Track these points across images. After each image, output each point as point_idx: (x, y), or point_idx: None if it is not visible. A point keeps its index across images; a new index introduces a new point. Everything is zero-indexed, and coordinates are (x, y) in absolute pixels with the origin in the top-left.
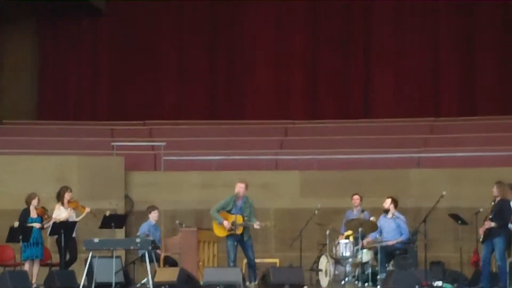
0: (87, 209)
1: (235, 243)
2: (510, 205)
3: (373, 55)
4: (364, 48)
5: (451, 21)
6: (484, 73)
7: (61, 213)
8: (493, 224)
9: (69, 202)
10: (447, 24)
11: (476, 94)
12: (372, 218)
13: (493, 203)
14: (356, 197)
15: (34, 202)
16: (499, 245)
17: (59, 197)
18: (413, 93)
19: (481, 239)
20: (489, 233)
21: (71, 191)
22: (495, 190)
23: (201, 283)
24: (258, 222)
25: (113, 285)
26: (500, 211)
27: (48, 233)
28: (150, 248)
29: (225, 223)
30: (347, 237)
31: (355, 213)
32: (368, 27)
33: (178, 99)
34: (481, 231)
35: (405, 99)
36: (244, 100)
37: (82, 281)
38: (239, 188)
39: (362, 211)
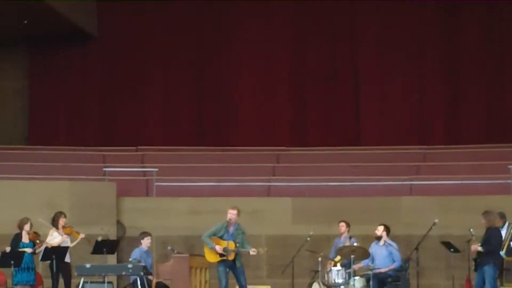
0: (81, 235)
1: (227, 269)
2: (499, 232)
3: (362, 85)
4: (353, 78)
5: (436, 50)
6: (469, 103)
7: (54, 238)
8: (479, 248)
9: (63, 227)
10: (433, 55)
11: (462, 123)
12: (355, 244)
13: (472, 230)
14: (341, 224)
15: (27, 227)
16: (489, 272)
17: (54, 223)
18: (401, 122)
19: (474, 268)
20: (480, 261)
21: (65, 216)
22: (483, 221)
23: None
24: (253, 249)
25: None
26: (488, 238)
27: (40, 258)
28: (141, 273)
29: (217, 247)
30: (335, 264)
31: (342, 240)
32: (355, 59)
33: (166, 126)
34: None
35: (394, 128)
36: (232, 128)
37: None
38: (231, 214)
39: (350, 238)
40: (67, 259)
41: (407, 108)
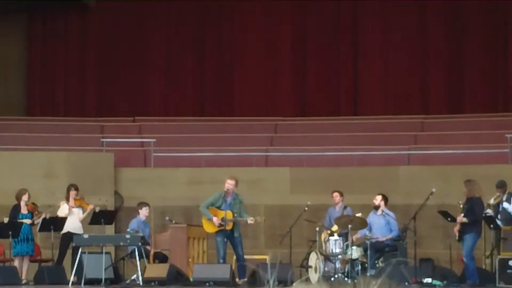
0: (91, 206)
1: (225, 240)
2: (481, 201)
3: (362, 52)
4: (353, 45)
5: (439, 18)
6: (471, 71)
7: (63, 210)
8: (465, 219)
9: (74, 199)
10: (435, 22)
11: (464, 92)
12: (358, 214)
13: (460, 203)
14: (335, 194)
15: (25, 197)
16: (467, 242)
17: (66, 195)
18: (401, 91)
19: (457, 238)
20: (462, 231)
21: (76, 189)
22: (464, 190)
23: (191, 279)
24: (251, 218)
25: (103, 281)
26: (471, 208)
27: (38, 229)
28: (139, 244)
29: (215, 219)
30: (332, 233)
31: (337, 210)
32: (356, 25)
33: (167, 95)
34: (455, 230)
35: (394, 96)
36: (233, 97)
37: (72, 277)
38: (229, 184)
39: (345, 207)
40: (80, 230)
41: (409, 77)
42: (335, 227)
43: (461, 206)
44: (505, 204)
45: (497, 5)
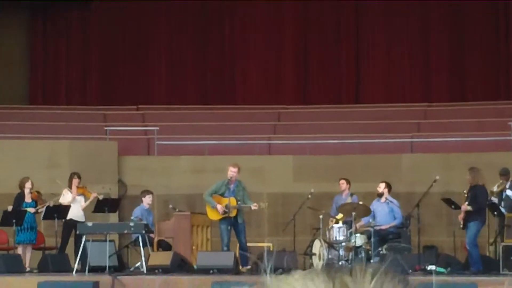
0: (94, 194)
1: (229, 227)
2: (485, 189)
3: (364, 40)
4: (355, 33)
5: (441, 6)
6: (474, 58)
7: (65, 197)
8: (469, 208)
9: (77, 187)
10: (437, 9)
11: (467, 79)
12: (360, 203)
13: (465, 192)
14: (342, 181)
15: (28, 185)
16: (471, 229)
17: (68, 183)
18: (404, 79)
19: (461, 226)
20: (467, 219)
21: (79, 177)
22: (467, 177)
23: (195, 267)
24: (255, 203)
25: (107, 268)
26: (475, 196)
27: (42, 217)
28: (143, 232)
29: (219, 206)
30: (337, 221)
31: (343, 198)
32: (358, 13)
33: (169, 84)
34: (460, 218)
35: (396, 85)
36: (236, 85)
37: (76, 264)
38: (232, 172)
39: (351, 195)
40: (82, 218)
41: (412, 65)
42: (340, 215)
43: (465, 194)
44: (509, 192)
45: None
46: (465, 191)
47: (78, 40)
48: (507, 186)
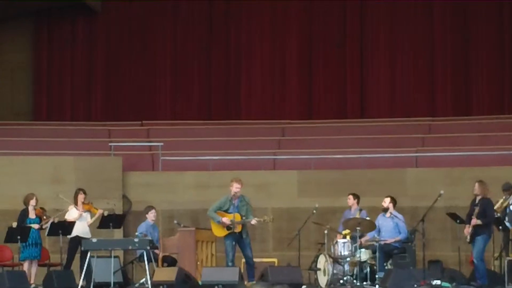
0: (100, 211)
1: (234, 243)
2: (492, 202)
3: (368, 54)
4: (359, 48)
5: (446, 21)
6: (478, 73)
7: (71, 214)
8: (479, 222)
9: (83, 203)
10: (442, 24)
11: (471, 94)
12: (367, 218)
13: (476, 203)
14: (349, 196)
15: (32, 202)
16: (479, 243)
17: (74, 199)
18: (408, 93)
19: (468, 240)
20: (474, 232)
21: (85, 193)
22: (476, 189)
23: (199, 282)
24: (255, 219)
25: (112, 285)
26: (484, 210)
27: (46, 233)
28: (148, 247)
29: (225, 219)
30: (345, 236)
31: (352, 213)
32: (363, 27)
33: (174, 99)
34: (466, 231)
35: (401, 99)
36: (240, 101)
37: (81, 281)
38: (236, 188)
39: (360, 210)
40: (88, 235)
41: (416, 80)
42: (346, 230)
43: (476, 207)
44: None
45: (503, 8)
46: (475, 205)
47: (83, 56)
48: (510, 202)
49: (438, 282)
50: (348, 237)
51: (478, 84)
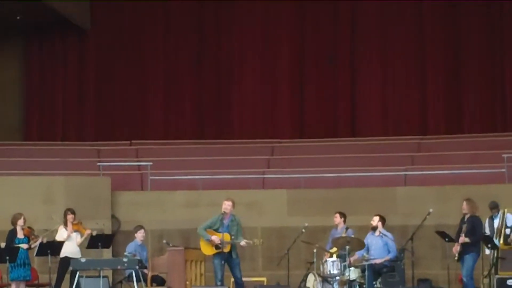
0: (88, 231)
1: (222, 262)
2: (481, 221)
3: (359, 72)
4: (350, 66)
5: (437, 38)
6: (470, 91)
7: (62, 234)
8: (467, 239)
9: (72, 223)
10: (433, 42)
11: (462, 112)
12: (352, 235)
13: (465, 220)
14: (336, 215)
15: (20, 222)
16: (468, 262)
17: (64, 219)
18: (399, 112)
19: (456, 258)
20: (463, 250)
21: (73, 213)
22: (464, 207)
23: None
24: (244, 240)
25: None
26: (473, 228)
27: (35, 253)
28: (137, 267)
29: (214, 237)
30: (332, 255)
31: (339, 231)
32: (354, 44)
33: (165, 119)
34: (454, 250)
35: (392, 117)
36: (231, 120)
37: None
38: (226, 206)
39: (346, 228)
40: (77, 255)
41: (407, 98)
42: (333, 249)
43: (464, 225)
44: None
45: (494, 25)
46: (464, 223)
47: (73, 76)
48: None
49: None
50: (335, 255)
51: (470, 102)
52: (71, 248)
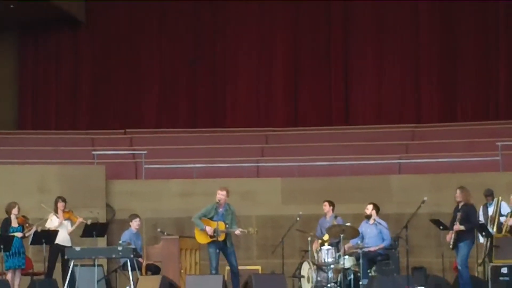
0: (80, 219)
1: (217, 251)
2: (475, 209)
3: (354, 62)
4: (344, 55)
5: (432, 28)
6: (464, 79)
7: (52, 222)
8: (462, 227)
9: (63, 211)
10: (427, 31)
11: (457, 100)
12: (347, 224)
13: (459, 209)
14: (325, 203)
15: (14, 211)
16: (463, 249)
17: (54, 207)
18: (394, 100)
19: (451, 246)
20: (457, 238)
21: (64, 201)
22: (458, 195)
23: None
24: (239, 229)
25: None
26: (467, 216)
27: (29, 242)
28: (132, 256)
29: (208, 228)
30: (323, 243)
31: (328, 220)
32: (348, 34)
33: (159, 107)
34: (448, 238)
35: (386, 106)
36: (225, 108)
37: None
38: (220, 195)
39: (335, 217)
40: (68, 243)
41: (402, 86)
42: (326, 236)
43: (459, 213)
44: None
45: (488, 16)
46: (458, 211)
47: (68, 66)
48: (494, 207)
49: None
50: (327, 243)
51: (464, 90)
52: (62, 236)
